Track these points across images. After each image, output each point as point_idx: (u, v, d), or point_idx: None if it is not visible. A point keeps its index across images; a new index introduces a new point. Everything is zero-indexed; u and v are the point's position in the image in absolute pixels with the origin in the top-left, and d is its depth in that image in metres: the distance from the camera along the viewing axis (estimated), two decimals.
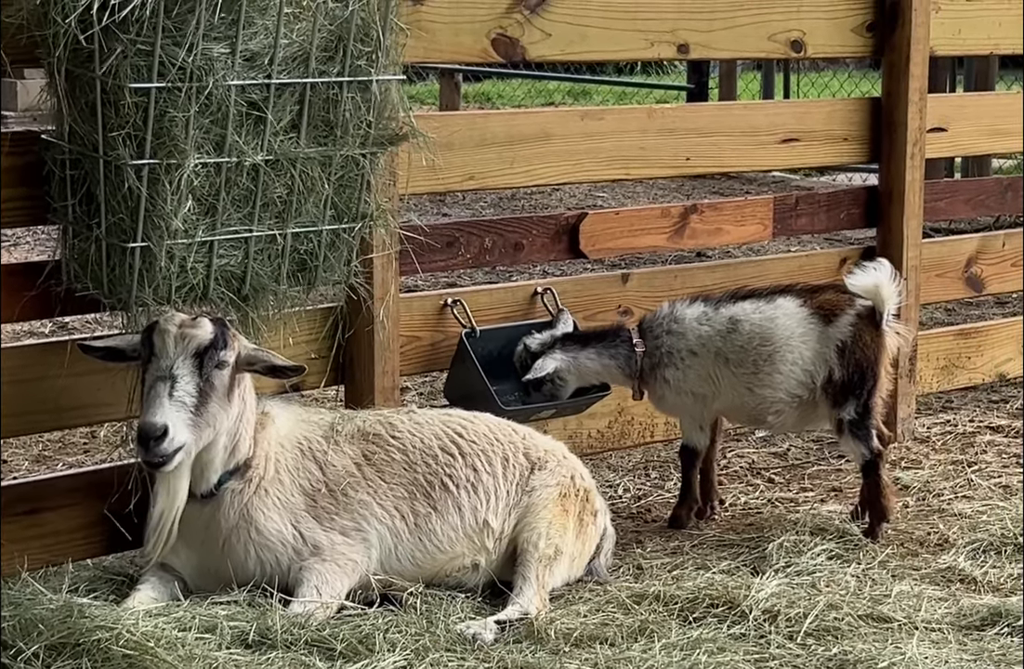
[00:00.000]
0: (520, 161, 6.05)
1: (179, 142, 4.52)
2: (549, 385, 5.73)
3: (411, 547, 5.00)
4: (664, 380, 5.75)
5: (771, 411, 5.70)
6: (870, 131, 6.98)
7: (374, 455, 5.07)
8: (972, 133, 7.41)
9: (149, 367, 4.68)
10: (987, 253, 7.51)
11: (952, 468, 6.57)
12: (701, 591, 4.96)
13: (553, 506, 5.12)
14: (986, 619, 4.85)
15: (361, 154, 4.93)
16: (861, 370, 5.62)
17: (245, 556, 4.83)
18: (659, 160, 6.46)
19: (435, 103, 16.89)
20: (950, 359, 7.39)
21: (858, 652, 4.55)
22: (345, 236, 5.01)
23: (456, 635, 4.60)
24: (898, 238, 6.96)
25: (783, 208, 6.87)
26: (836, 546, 5.46)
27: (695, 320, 5.75)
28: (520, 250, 6.19)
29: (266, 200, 4.78)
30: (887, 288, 5.61)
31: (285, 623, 4.52)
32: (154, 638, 4.21)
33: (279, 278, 4.90)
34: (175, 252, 4.61)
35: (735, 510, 6.08)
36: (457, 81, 15.88)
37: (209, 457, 4.80)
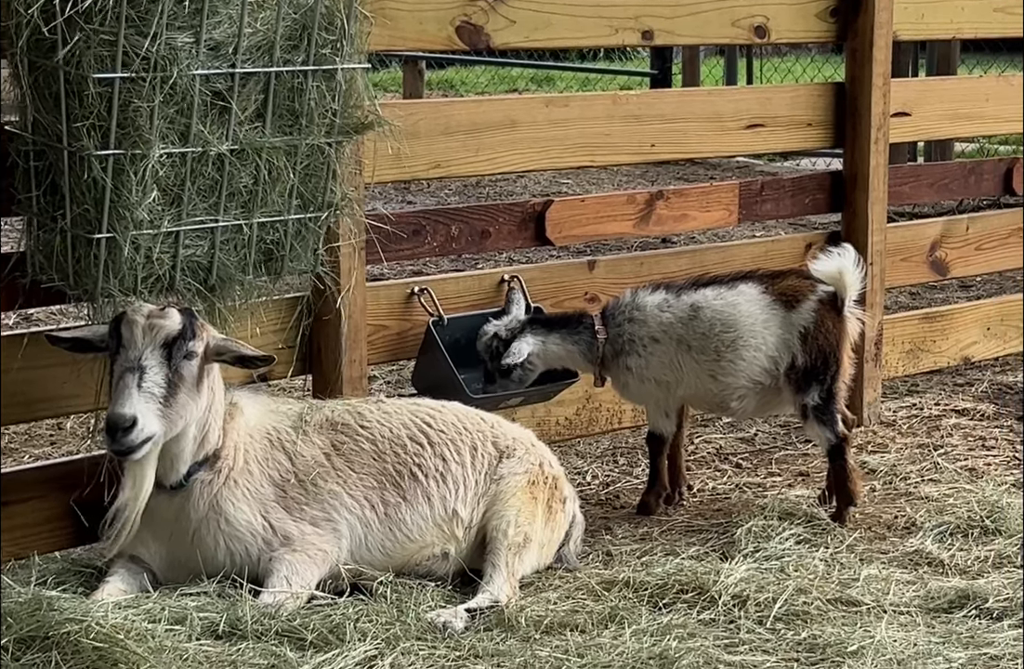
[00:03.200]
0: (485, 149, 6.05)
1: (143, 132, 4.50)
2: (519, 370, 5.73)
3: (381, 536, 5.00)
4: (627, 368, 5.76)
5: (734, 398, 5.72)
6: (834, 116, 6.99)
7: (343, 445, 5.07)
8: (935, 117, 7.43)
9: (117, 358, 4.67)
10: (951, 237, 7.54)
11: (918, 452, 6.61)
12: (670, 577, 4.98)
13: (522, 494, 5.13)
14: (954, 602, 4.89)
15: (327, 143, 4.93)
16: (824, 356, 5.64)
17: (215, 547, 4.83)
18: (624, 146, 6.46)
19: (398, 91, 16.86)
20: (915, 343, 7.42)
21: (827, 636, 4.58)
22: (311, 225, 5.01)
23: (427, 624, 4.61)
24: (863, 223, 6.98)
25: (748, 194, 6.88)
26: (804, 530, 5.48)
27: (656, 307, 5.75)
28: (486, 238, 6.19)
29: (232, 190, 4.77)
30: (850, 274, 5.63)
31: (255, 614, 4.52)
32: (124, 630, 4.20)
33: (245, 268, 4.90)
34: (140, 243, 4.60)
35: (703, 496, 6.10)
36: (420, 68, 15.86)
37: (178, 448, 4.79)
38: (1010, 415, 7.14)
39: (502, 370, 5.71)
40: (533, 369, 5.76)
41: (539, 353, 5.74)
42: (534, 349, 5.72)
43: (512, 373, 5.73)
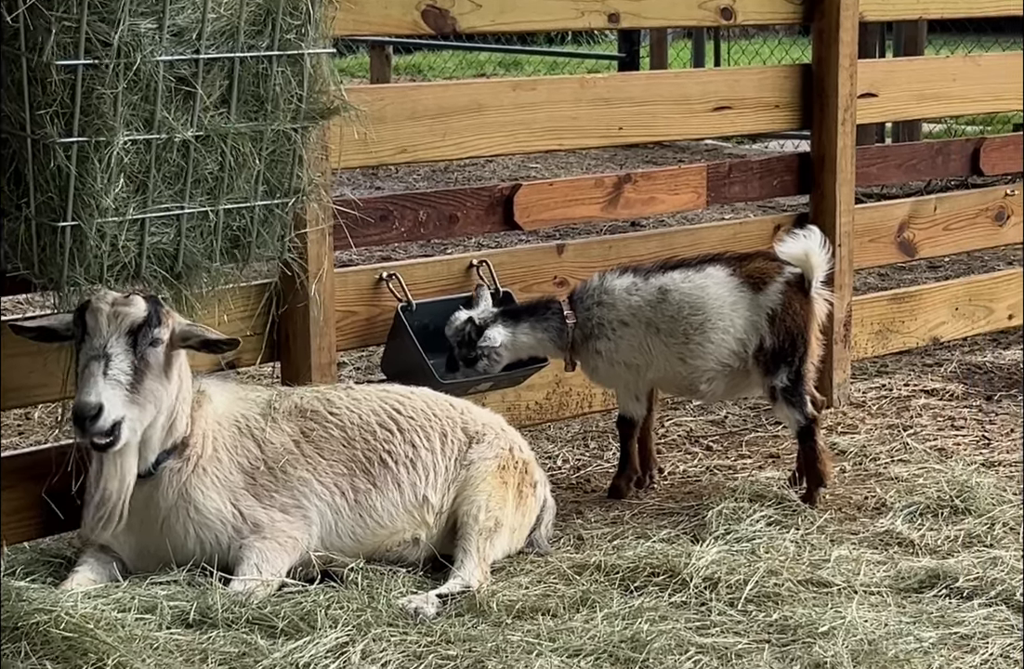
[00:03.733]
0: (452, 133, 6.03)
1: (107, 119, 4.47)
2: (484, 360, 5.71)
3: (351, 523, 4.99)
4: (596, 352, 5.76)
5: (703, 380, 5.72)
6: (801, 98, 6.99)
7: (312, 432, 5.05)
8: (902, 98, 7.44)
9: (83, 346, 4.65)
10: (919, 218, 7.55)
11: (888, 432, 6.62)
12: (642, 560, 4.99)
13: (492, 479, 5.12)
14: (924, 581, 4.91)
15: (292, 128, 4.90)
16: (792, 337, 5.65)
17: (184, 535, 4.81)
18: (592, 130, 6.45)
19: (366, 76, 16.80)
20: (884, 324, 7.43)
21: (798, 617, 4.59)
22: (278, 211, 4.98)
23: (398, 610, 4.60)
24: (831, 204, 6.99)
25: (716, 176, 6.88)
26: (775, 512, 5.48)
27: (625, 291, 5.75)
28: (455, 222, 6.17)
29: (197, 176, 4.74)
30: (817, 255, 5.64)
31: (226, 602, 4.51)
32: (93, 620, 4.19)
33: (212, 255, 4.87)
34: (106, 230, 4.57)
35: (674, 479, 6.11)
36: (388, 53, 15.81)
37: (147, 436, 4.77)
38: (979, 395, 7.16)
39: (468, 358, 5.69)
40: (499, 360, 5.75)
41: (508, 344, 5.73)
42: (504, 340, 5.71)
43: (478, 362, 5.71)
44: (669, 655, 4.33)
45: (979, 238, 7.87)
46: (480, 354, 5.69)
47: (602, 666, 4.26)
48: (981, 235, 7.85)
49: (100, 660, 4.08)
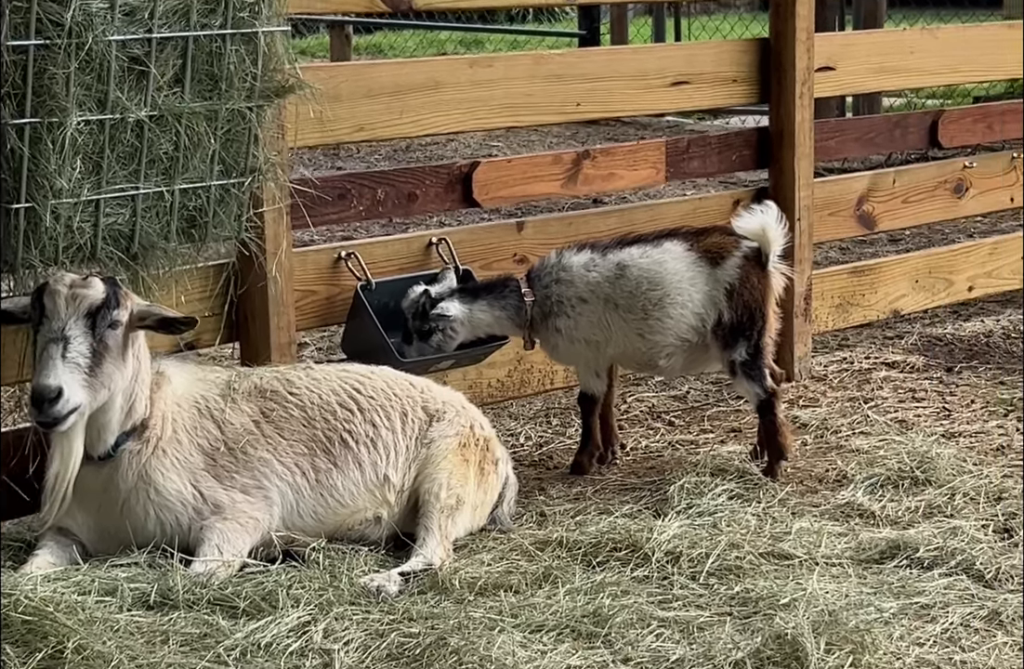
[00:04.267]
0: (409, 111, 6.01)
1: (60, 100, 4.45)
2: (439, 335, 5.70)
3: (313, 503, 4.98)
4: (556, 329, 5.76)
5: (662, 356, 5.73)
6: (759, 72, 6.99)
7: (272, 412, 5.04)
8: (860, 71, 7.44)
9: (41, 329, 4.62)
10: (878, 191, 7.57)
11: (849, 405, 6.64)
12: (604, 535, 4.99)
13: (453, 456, 5.12)
14: (885, 552, 4.93)
15: (247, 107, 4.88)
16: (750, 311, 5.66)
17: (145, 517, 4.80)
18: (549, 106, 6.44)
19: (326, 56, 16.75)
20: (844, 297, 7.45)
21: (760, 589, 4.61)
22: (234, 191, 4.97)
23: (360, 588, 4.60)
24: (790, 178, 6.99)
25: (675, 151, 6.88)
26: (737, 486, 5.50)
27: (583, 267, 5.75)
28: (413, 201, 6.16)
29: (152, 157, 4.72)
30: (773, 230, 5.65)
31: (187, 583, 4.50)
32: (53, 603, 4.17)
33: (168, 235, 4.85)
34: (61, 212, 4.55)
35: (636, 454, 6.12)
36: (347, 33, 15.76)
37: (105, 419, 4.75)
38: (939, 367, 7.19)
39: (422, 331, 5.68)
40: (454, 336, 5.73)
41: (464, 321, 5.71)
42: (460, 316, 5.69)
43: (432, 336, 5.69)
44: (631, 629, 4.34)
45: (938, 210, 7.90)
46: (434, 327, 5.67)
47: (564, 641, 4.27)
48: (940, 207, 7.88)
49: (60, 643, 4.06)
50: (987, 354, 7.39)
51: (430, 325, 5.66)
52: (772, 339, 5.77)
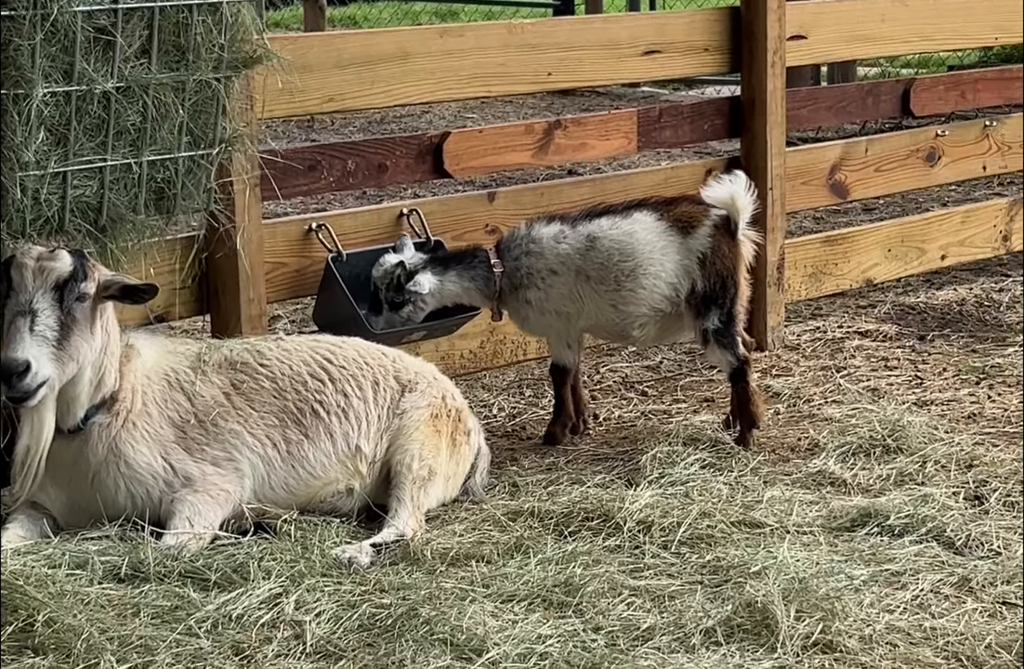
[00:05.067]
0: (380, 81, 5.98)
1: (26, 71, 4.41)
2: (410, 306, 5.69)
3: (284, 475, 4.98)
4: (526, 301, 5.75)
5: (635, 326, 5.73)
6: (730, 41, 6.98)
7: (243, 384, 5.03)
8: (832, 40, 7.44)
9: (8, 302, 4.60)
10: (851, 160, 7.56)
11: (822, 374, 6.65)
12: (576, 505, 5.00)
13: (425, 427, 5.11)
14: (856, 520, 4.94)
15: (215, 78, 4.85)
16: (722, 279, 5.66)
17: (115, 490, 4.79)
18: (521, 76, 6.42)
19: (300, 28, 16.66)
20: (817, 266, 7.45)
21: (731, 558, 4.62)
22: (202, 162, 4.94)
23: (332, 560, 4.60)
24: (762, 147, 6.98)
25: (647, 121, 6.86)
26: (709, 455, 5.50)
27: (553, 239, 5.74)
28: (384, 172, 6.14)
29: (119, 128, 4.69)
30: (742, 198, 5.65)
31: (158, 556, 4.49)
32: (23, 576, 4.16)
33: (136, 207, 4.83)
34: (27, 184, 4.52)
35: (609, 424, 6.12)
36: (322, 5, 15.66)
37: (75, 392, 4.74)
38: (912, 335, 7.20)
39: (394, 303, 5.67)
40: (424, 307, 5.72)
41: (435, 292, 5.71)
42: (432, 288, 5.68)
43: (403, 307, 5.68)
44: (602, 598, 4.35)
45: (911, 179, 7.90)
46: (407, 299, 5.66)
47: (535, 611, 4.27)
48: (913, 176, 7.88)
49: (31, 616, 4.05)
50: (959, 323, 7.41)
51: (403, 297, 5.65)
52: (743, 307, 5.78)
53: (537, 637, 4.07)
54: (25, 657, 3.97)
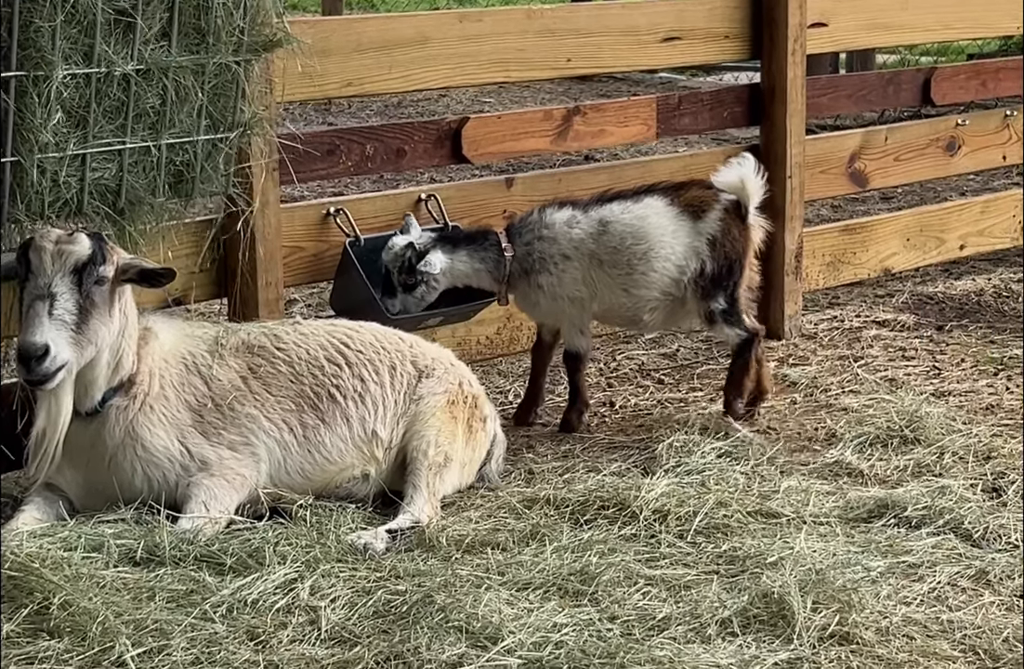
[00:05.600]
0: (399, 66, 5.97)
1: (46, 53, 4.40)
2: (423, 287, 5.66)
3: (300, 459, 4.97)
4: (538, 286, 5.74)
5: (646, 310, 5.74)
6: (751, 28, 6.95)
7: (260, 368, 5.02)
8: (853, 27, 7.40)
9: (27, 285, 4.59)
10: (870, 148, 7.53)
11: (839, 363, 6.63)
12: (592, 493, 4.98)
13: (441, 413, 5.10)
14: (873, 511, 4.92)
15: (235, 61, 4.84)
16: (730, 263, 5.69)
17: (132, 474, 4.78)
18: (540, 62, 6.40)
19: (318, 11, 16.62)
20: (836, 255, 7.42)
21: (747, 548, 4.60)
22: (221, 146, 4.93)
23: (347, 546, 4.59)
24: (781, 135, 6.96)
25: (666, 108, 6.84)
26: (725, 444, 5.48)
27: (565, 224, 5.73)
28: (402, 156, 6.12)
29: (139, 111, 4.68)
30: (752, 182, 5.67)
31: (173, 540, 4.49)
32: (39, 559, 4.16)
33: (155, 190, 4.82)
34: (47, 166, 4.51)
35: (625, 412, 6.10)
36: None
37: (93, 375, 4.73)
38: (930, 325, 7.18)
39: (407, 285, 5.65)
40: (436, 287, 5.70)
41: (446, 271, 5.69)
42: (444, 267, 5.67)
43: (416, 289, 5.66)
44: (618, 587, 4.33)
45: (930, 168, 7.87)
46: (419, 280, 5.64)
47: (551, 599, 4.25)
48: (932, 165, 7.85)
49: (46, 599, 4.06)
50: (978, 313, 7.38)
51: (415, 279, 5.63)
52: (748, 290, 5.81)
53: (552, 626, 4.05)
54: (40, 640, 3.98)
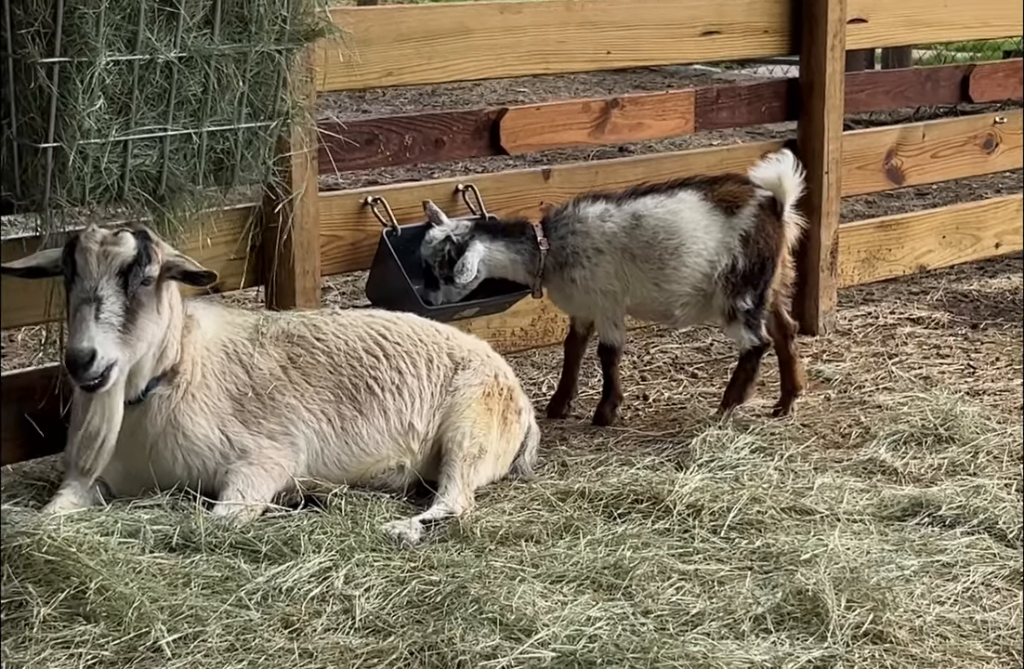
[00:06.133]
0: (438, 56, 5.97)
1: (90, 39, 4.41)
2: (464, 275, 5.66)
3: (338, 451, 4.98)
4: (571, 280, 5.74)
5: (677, 305, 5.74)
6: (790, 23, 6.94)
7: (299, 358, 5.02)
8: (892, 24, 7.38)
9: (73, 287, 4.58)
10: (907, 145, 7.51)
11: (873, 360, 6.61)
12: (625, 487, 4.99)
13: (477, 405, 5.11)
14: (907, 509, 4.92)
15: (276, 50, 4.85)
16: (762, 260, 5.68)
17: (172, 462, 4.80)
18: (579, 54, 6.40)
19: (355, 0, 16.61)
20: (871, 251, 7.41)
21: (781, 544, 4.60)
22: (262, 134, 4.94)
23: (381, 535, 4.60)
24: (819, 131, 6.95)
25: (704, 102, 6.83)
26: (759, 439, 5.48)
27: (598, 218, 5.73)
28: (440, 147, 6.13)
29: (180, 98, 4.69)
30: (790, 179, 5.65)
31: (209, 526, 4.51)
32: (76, 543, 4.19)
33: (195, 178, 4.83)
34: (88, 152, 4.52)
35: (659, 405, 6.10)
36: None
37: (138, 365, 4.72)
38: (964, 323, 7.16)
39: (448, 277, 5.65)
40: (477, 277, 5.71)
41: (485, 260, 5.69)
42: (483, 256, 5.67)
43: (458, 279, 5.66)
44: (651, 582, 4.34)
45: (967, 166, 7.84)
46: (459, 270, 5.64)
47: (584, 592, 4.26)
48: (969, 163, 7.82)
49: (83, 583, 4.08)
50: (1013, 311, 7.35)
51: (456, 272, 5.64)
52: (783, 288, 5.80)
53: (586, 619, 4.06)
54: (77, 624, 4.01)
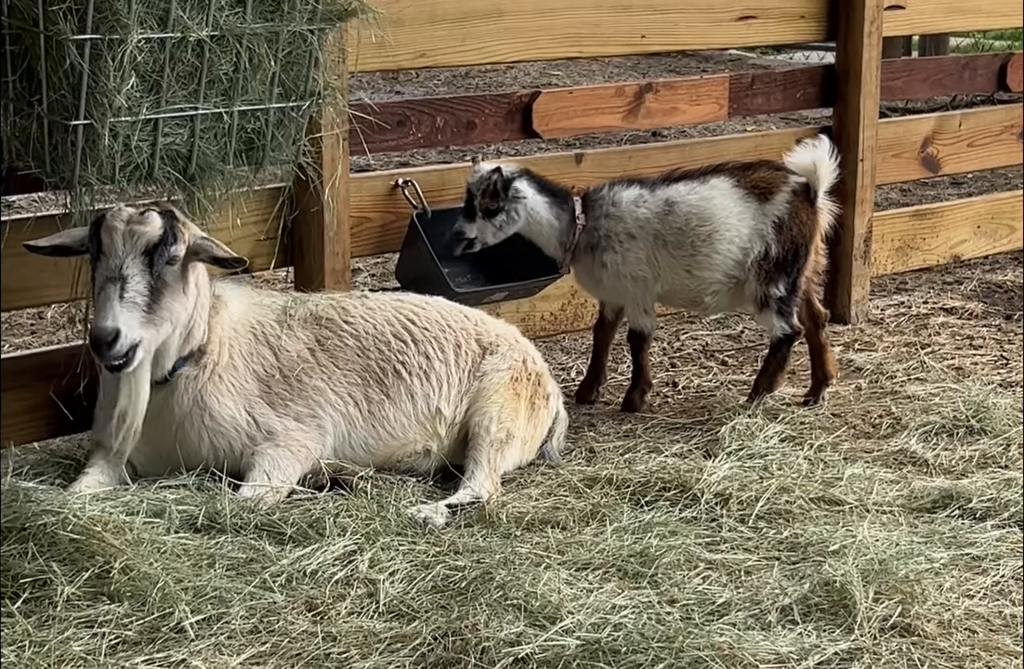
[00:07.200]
0: (472, 38, 5.93)
1: (121, 17, 4.38)
2: (503, 216, 5.59)
3: (364, 434, 4.95)
4: (602, 264, 5.70)
5: (708, 292, 5.69)
6: (827, 9, 6.89)
7: (327, 340, 5.00)
8: (930, 11, 7.31)
9: (98, 266, 4.57)
10: (944, 133, 7.45)
11: (905, 350, 6.56)
12: (653, 474, 4.96)
13: (505, 390, 5.08)
14: (937, 501, 4.87)
15: (309, 30, 4.81)
16: (796, 247, 5.63)
17: (198, 442, 4.78)
18: (614, 37, 6.35)
19: None
20: (905, 240, 7.35)
21: (809, 535, 4.56)
22: (293, 114, 4.90)
23: (407, 519, 4.58)
24: (854, 118, 6.89)
25: (739, 87, 6.78)
26: (788, 428, 5.44)
27: (632, 203, 5.68)
28: (472, 129, 6.09)
29: (211, 77, 4.66)
30: (825, 166, 5.60)
31: (234, 507, 4.49)
32: (101, 522, 4.17)
33: (226, 157, 4.80)
34: (119, 130, 4.50)
35: (688, 393, 6.06)
36: None
37: (164, 345, 4.71)
38: (998, 314, 7.10)
39: (489, 210, 5.57)
40: (516, 221, 5.62)
41: (530, 206, 5.63)
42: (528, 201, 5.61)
43: (496, 216, 5.60)
44: (678, 570, 4.30)
45: (1003, 155, 7.77)
46: (501, 207, 5.58)
47: (610, 580, 4.23)
48: (1005, 152, 7.75)
49: (107, 563, 4.07)
50: None
51: (499, 204, 5.57)
52: (810, 277, 5.76)
53: (612, 607, 4.03)
54: (101, 603, 4.00)
